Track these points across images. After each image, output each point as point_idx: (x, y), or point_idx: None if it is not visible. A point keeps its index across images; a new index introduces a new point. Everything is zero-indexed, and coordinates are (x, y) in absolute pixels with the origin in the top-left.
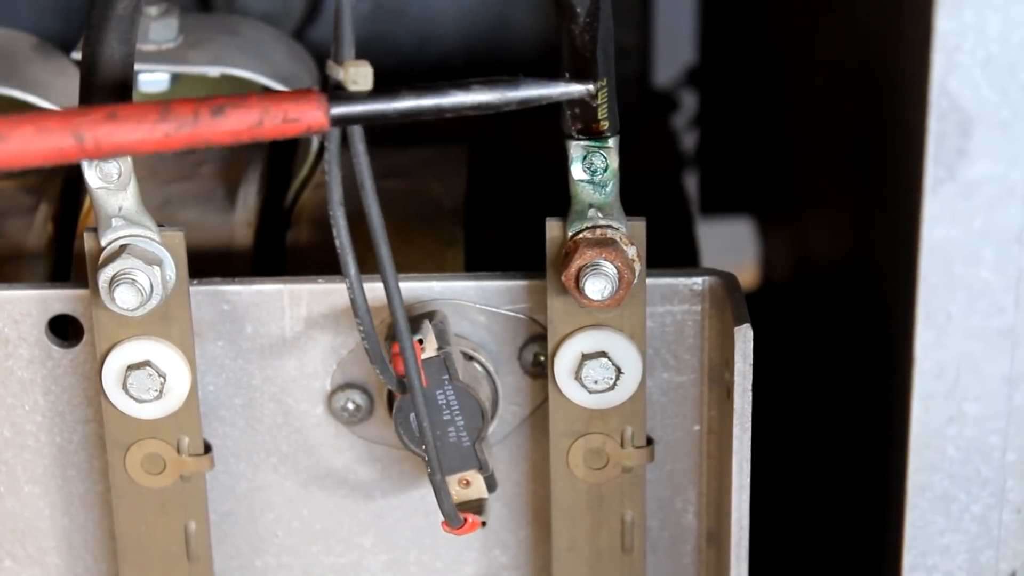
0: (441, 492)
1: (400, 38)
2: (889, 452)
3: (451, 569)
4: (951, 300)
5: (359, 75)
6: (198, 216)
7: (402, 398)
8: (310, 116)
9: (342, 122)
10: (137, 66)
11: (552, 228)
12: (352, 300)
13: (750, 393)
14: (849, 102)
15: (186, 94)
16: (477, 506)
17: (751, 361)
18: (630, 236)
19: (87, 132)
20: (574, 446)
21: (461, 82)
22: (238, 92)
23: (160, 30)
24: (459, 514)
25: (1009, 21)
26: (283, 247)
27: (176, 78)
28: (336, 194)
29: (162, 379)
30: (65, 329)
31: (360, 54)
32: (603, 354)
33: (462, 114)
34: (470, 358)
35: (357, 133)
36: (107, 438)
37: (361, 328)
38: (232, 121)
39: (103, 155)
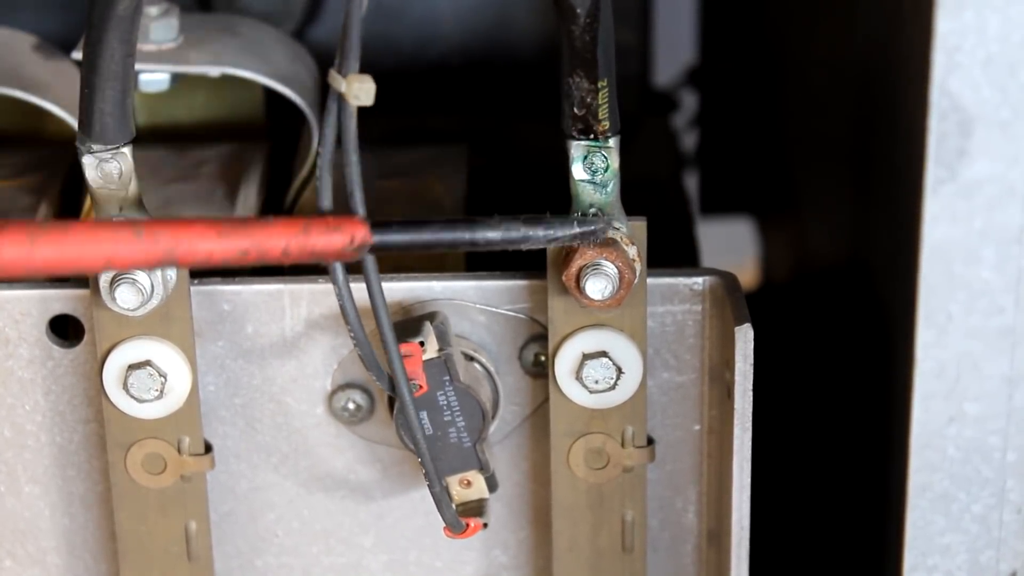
0: (441, 503)
1: (400, 38)
2: (889, 452)
3: (451, 569)
4: (951, 300)
5: (362, 90)
6: (198, 216)
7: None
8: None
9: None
10: (137, 66)
11: None
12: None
13: (751, 393)
14: (849, 102)
15: (186, 94)
16: (478, 506)
17: (752, 361)
18: (631, 236)
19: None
20: (575, 446)
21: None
22: (238, 92)
23: (160, 30)
24: (461, 520)
25: (1009, 21)
26: None
27: (176, 78)
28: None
29: (163, 379)
30: (65, 329)
31: (361, 54)
32: (604, 354)
33: (492, 249)
34: (471, 358)
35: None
36: (107, 438)
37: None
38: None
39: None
